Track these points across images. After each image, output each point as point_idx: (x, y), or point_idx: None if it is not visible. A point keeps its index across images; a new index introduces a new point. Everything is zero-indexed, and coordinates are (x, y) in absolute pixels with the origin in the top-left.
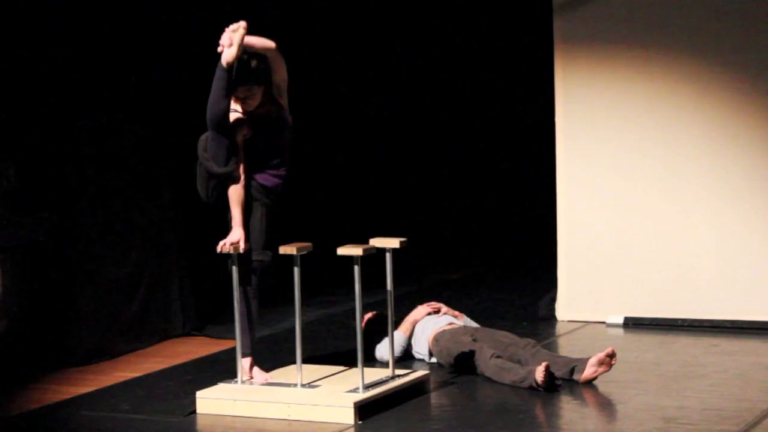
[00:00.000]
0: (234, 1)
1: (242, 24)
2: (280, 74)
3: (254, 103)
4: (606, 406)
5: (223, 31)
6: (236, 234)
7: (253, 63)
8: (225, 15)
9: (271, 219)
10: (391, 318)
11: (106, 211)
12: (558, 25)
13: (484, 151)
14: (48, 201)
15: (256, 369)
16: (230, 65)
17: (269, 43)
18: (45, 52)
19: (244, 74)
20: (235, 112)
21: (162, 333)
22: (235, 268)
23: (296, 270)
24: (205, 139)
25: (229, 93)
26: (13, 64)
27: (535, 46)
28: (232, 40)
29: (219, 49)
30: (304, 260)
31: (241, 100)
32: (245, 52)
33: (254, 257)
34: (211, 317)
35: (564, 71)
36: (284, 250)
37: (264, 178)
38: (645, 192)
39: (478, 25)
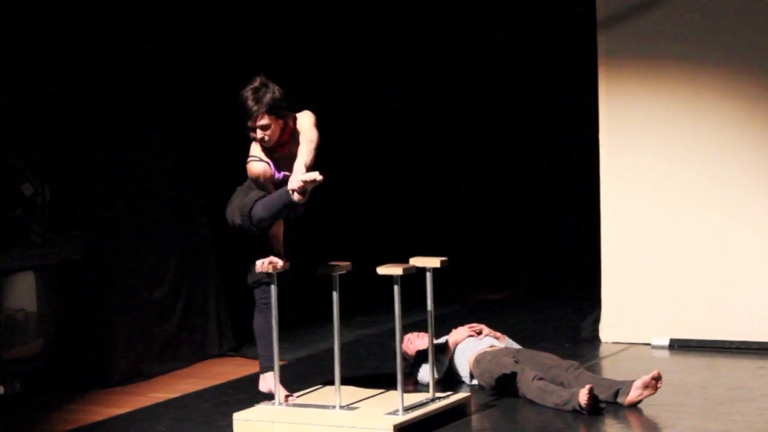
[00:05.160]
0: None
1: (318, 178)
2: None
3: (272, 136)
4: (651, 429)
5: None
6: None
7: (267, 96)
8: (262, 39)
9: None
10: (431, 339)
11: (141, 230)
12: (602, 40)
13: (526, 169)
14: (83, 220)
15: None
16: (293, 203)
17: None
18: (81, 72)
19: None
20: (256, 159)
21: (198, 353)
22: (273, 287)
23: (335, 290)
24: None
25: (277, 219)
26: (48, 84)
27: (578, 61)
28: (305, 187)
29: (289, 187)
30: (343, 280)
31: (259, 138)
32: (263, 84)
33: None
34: (247, 337)
35: (608, 86)
36: (323, 269)
37: None
38: (691, 210)
39: (520, 41)
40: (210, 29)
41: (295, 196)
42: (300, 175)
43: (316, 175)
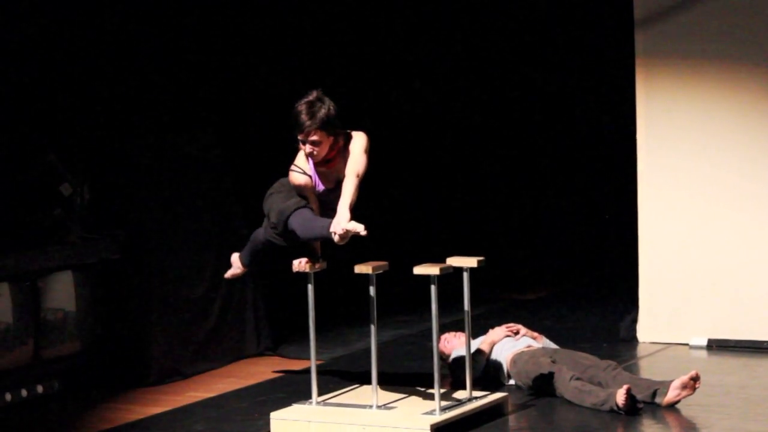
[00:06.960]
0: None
1: (362, 232)
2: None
3: (320, 152)
4: (689, 430)
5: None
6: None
7: (321, 111)
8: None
9: None
10: (468, 339)
11: (179, 229)
12: (640, 39)
13: (564, 168)
14: (121, 219)
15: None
16: (331, 240)
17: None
18: (118, 72)
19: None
20: (299, 171)
21: (236, 353)
22: (310, 287)
23: (372, 289)
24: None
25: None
26: (85, 83)
27: (616, 61)
28: (347, 236)
29: (331, 229)
30: (380, 279)
31: (307, 152)
32: (318, 98)
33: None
34: (285, 337)
35: (646, 86)
36: (360, 269)
37: None
38: (729, 209)
39: (557, 41)
40: (241, 31)
41: (336, 238)
42: (344, 222)
43: (360, 229)
